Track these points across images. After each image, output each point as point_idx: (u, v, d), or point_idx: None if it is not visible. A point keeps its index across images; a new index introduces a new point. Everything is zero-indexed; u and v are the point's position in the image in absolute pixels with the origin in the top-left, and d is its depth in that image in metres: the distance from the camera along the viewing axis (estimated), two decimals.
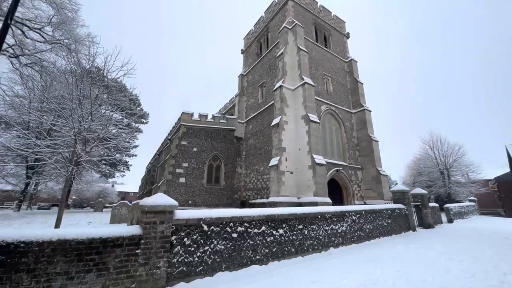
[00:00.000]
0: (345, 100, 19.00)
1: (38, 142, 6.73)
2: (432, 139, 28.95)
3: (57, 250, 3.18)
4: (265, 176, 16.11)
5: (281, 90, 15.06)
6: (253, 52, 22.63)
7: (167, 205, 4.04)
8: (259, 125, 18.47)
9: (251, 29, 23.86)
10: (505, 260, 5.68)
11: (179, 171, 17.33)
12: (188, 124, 18.71)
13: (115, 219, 12.63)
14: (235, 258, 4.81)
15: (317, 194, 12.25)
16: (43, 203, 36.06)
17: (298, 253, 5.90)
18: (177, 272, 4.05)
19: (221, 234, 4.74)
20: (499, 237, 9.21)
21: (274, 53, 18.31)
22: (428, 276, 4.52)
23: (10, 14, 3.19)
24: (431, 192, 27.53)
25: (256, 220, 5.34)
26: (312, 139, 13.44)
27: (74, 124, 6.59)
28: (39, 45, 13.69)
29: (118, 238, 3.60)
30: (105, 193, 40.67)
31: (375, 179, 16.48)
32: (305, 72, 15.56)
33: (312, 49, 17.95)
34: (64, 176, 8.79)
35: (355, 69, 20.22)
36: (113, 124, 9.61)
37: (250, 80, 21.85)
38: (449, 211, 16.16)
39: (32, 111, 9.91)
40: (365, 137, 17.77)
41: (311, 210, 6.71)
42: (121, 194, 59.05)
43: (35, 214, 18.68)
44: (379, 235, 8.72)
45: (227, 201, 18.35)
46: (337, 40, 21.15)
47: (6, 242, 2.95)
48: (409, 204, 11.28)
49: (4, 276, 2.87)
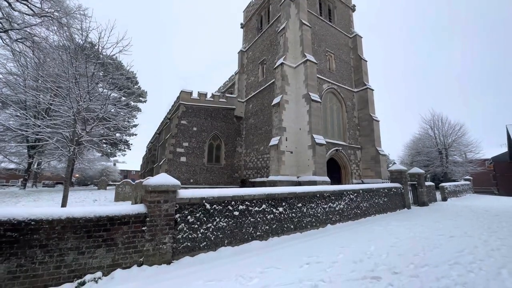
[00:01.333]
0: (348, 78, 18.53)
1: (38, 122, 6.69)
2: (433, 119, 28.76)
3: (66, 227, 3.31)
4: (265, 156, 16.28)
5: (282, 68, 14.63)
6: (253, 27, 21.57)
7: (170, 184, 4.13)
8: (259, 104, 18.22)
9: (251, 1, 22.48)
10: (494, 236, 5.95)
11: (179, 150, 17.46)
12: (187, 103, 18.46)
13: (119, 197, 13.01)
14: (236, 234, 5.04)
15: (316, 174, 12.48)
16: (47, 181, 36.86)
17: (297, 229, 6.17)
18: (182, 247, 4.26)
19: (223, 212, 4.91)
20: (490, 214, 9.55)
21: (276, 28, 17.46)
22: (419, 251, 4.78)
23: None
24: (428, 171, 28.01)
25: (257, 199, 5.50)
26: (312, 119, 13.36)
27: (72, 104, 6.49)
28: (28, 18, 12.99)
29: (124, 216, 3.73)
30: (108, 172, 41.36)
31: (374, 159, 16.68)
32: (307, 48, 14.98)
33: (315, 23, 17.08)
34: (67, 155, 8.89)
35: (359, 45, 19.43)
36: (111, 104, 9.47)
37: (250, 56, 21.10)
38: (444, 190, 16.59)
39: (28, 90, 9.70)
40: (366, 117, 17.65)
41: (310, 189, 6.89)
42: (123, 173, 60.18)
43: (40, 192, 19.19)
44: (374, 213, 9.05)
45: (227, 180, 18.76)
46: (342, 13, 20.04)
47: (17, 220, 3.07)
48: (405, 183, 11.55)
49: (19, 252, 3.03)
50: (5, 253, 2.96)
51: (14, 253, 3.01)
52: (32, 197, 13.26)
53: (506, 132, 30.04)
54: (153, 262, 3.88)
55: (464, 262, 4.16)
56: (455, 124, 27.43)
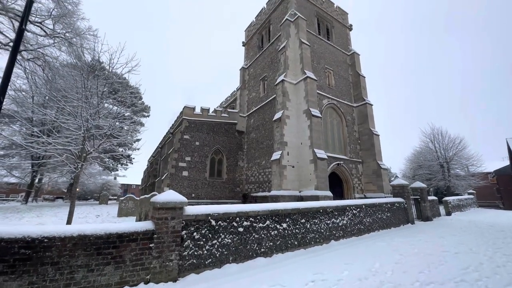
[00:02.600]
0: (347, 93, 18.99)
1: (50, 140, 6.91)
2: (433, 132, 29.04)
3: (78, 244, 3.40)
4: (267, 170, 16.34)
5: (283, 85, 15.07)
6: (255, 45, 22.42)
7: (177, 201, 4.24)
8: (260, 119, 18.56)
9: (253, 21, 23.53)
10: (500, 253, 5.92)
11: (182, 165, 17.56)
12: (190, 118, 18.80)
13: (122, 212, 12.96)
14: (241, 251, 5.06)
15: (319, 188, 12.50)
16: (48, 195, 36.64)
17: (301, 245, 6.17)
18: (188, 264, 4.30)
19: (228, 228, 4.97)
20: (495, 230, 9.47)
21: (276, 46, 18.17)
22: (424, 268, 4.77)
23: (25, 20, 3.28)
24: (431, 185, 27.84)
25: (261, 215, 5.56)
26: (313, 134, 13.58)
27: (83, 122, 6.75)
28: (41, 39, 13.65)
29: (133, 233, 3.82)
30: (108, 186, 41.23)
31: (376, 173, 16.70)
32: (307, 66, 15.51)
33: (314, 42, 17.80)
34: (71, 170, 9.04)
35: (357, 62, 20.08)
36: (119, 121, 9.75)
37: (252, 73, 21.75)
38: (447, 204, 16.46)
39: (39, 108, 10.05)
40: (366, 131, 17.88)
41: (313, 204, 6.94)
42: (124, 187, 59.84)
43: (42, 207, 19.10)
44: (378, 228, 9.00)
45: (229, 194, 18.69)
46: (340, 32, 20.91)
47: (31, 238, 3.17)
48: (408, 197, 11.53)
49: (31, 269, 3.10)
50: (18, 270, 3.03)
51: (27, 270, 3.08)
52: (35, 213, 13.21)
53: (507, 146, 30.16)
54: (160, 280, 3.91)
55: (470, 279, 4.16)
56: (455, 137, 27.66)
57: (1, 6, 12.05)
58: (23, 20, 3.26)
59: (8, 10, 12.37)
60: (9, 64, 3.17)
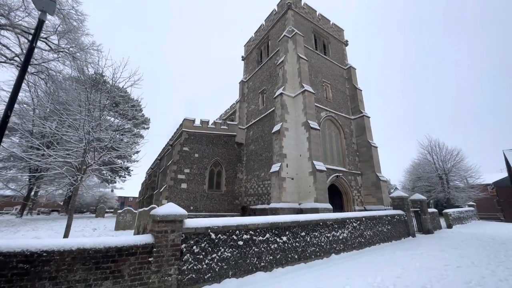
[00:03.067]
0: (344, 106, 19.33)
1: (51, 152, 6.95)
2: (430, 144, 29.28)
3: (76, 258, 3.37)
4: (266, 182, 16.29)
5: (282, 97, 15.37)
6: (254, 59, 23.04)
7: (177, 214, 4.24)
8: (259, 131, 18.73)
9: (252, 37, 24.32)
10: (502, 266, 5.86)
11: (180, 177, 17.49)
12: (189, 130, 18.95)
13: (119, 225, 12.71)
14: (241, 265, 4.99)
15: (318, 200, 12.43)
16: (43, 208, 35.97)
17: (301, 259, 6.08)
18: (186, 279, 4.23)
19: (228, 242, 4.92)
20: (497, 243, 9.38)
21: (275, 61, 18.69)
22: (426, 282, 4.71)
23: (36, 38, 3.44)
24: (430, 197, 27.71)
25: (260, 228, 5.53)
26: (312, 146, 13.69)
27: (85, 135, 6.83)
28: (45, 54, 13.99)
29: (132, 247, 3.79)
30: (105, 198, 40.64)
31: (375, 185, 16.68)
32: (305, 79, 15.90)
33: (311, 56, 18.34)
34: (69, 182, 9.01)
35: (353, 76, 20.60)
36: (120, 134, 9.84)
37: (251, 86, 22.19)
38: (448, 217, 16.34)
39: (41, 120, 10.15)
40: (364, 143, 18.04)
41: (313, 217, 6.90)
42: (121, 199, 58.91)
43: (37, 220, 18.73)
44: (379, 241, 8.90)
45: (228, 207, 18.49)
46: (336, 47, 21.60)
47: (30, 252, 3.14)
48: (408, 210, 11.47)
49: (29, 284, 3.05)
50: (15, 285, 2.99)
51: (24, 286, 3.03)
52: (30, 226, 12.93)
53: (504, 158, 30.36)
54: None
55: None
56: (452, 149, 27.88)
57: (9, 22, 12.45)
58: (34, 38, 3.42)
59: (15, 26, 12.77)
60: (18, 80, 3.29)
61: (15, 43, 13.62)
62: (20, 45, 13.72)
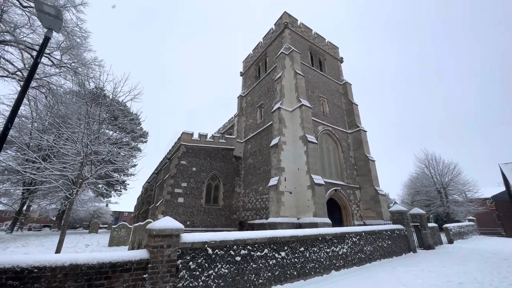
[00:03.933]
0: (341, 120, 19.63)
1: (48, 166, 6.89)
2: (427, 158, 29.46)
3: (68, 275, 3.25)
4: (264, 196, 16.12)
5: (279, 112, 15.61)
6: (252, 75, 23.62)
7: (174, 228, 4.17)
8: (257, 144, 18.80)
9: (250, 53, 25.10)
10: (505, 283, 5.74)
11: (177, 191, 17.25)
12: (188, 144, 18.97)
13: (113, 241, 12.30)
14: (238, 282, 4.83)
15: (317, 215, 12.27)
16: (34, 223, 34.87)
17: (300, 276, 5.91)
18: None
19: (225, 257, 4.80)
20: (499, 258, 9.23)
21: (272, 76, 19.17)
22: None
23: (41, 54, 3.56)
24: (430, 211, 27.45)
25: (258, 243, 5.42)
26: (310, 159, 13.72)
27: (83, 148, 6.82)
28: (47, 68, 14.25)
29: (127, 263, 3.67)
30: (99, 213, 39.64)
31: (374, 199, 16.56)
32: (302, 94, 16.24)
33: (308, 72, 18.87)
34: (64, 196, 8.86)
35: (349, 91, 21.12)
36: (118, 147, 9.84)
37: (249, 101, 22.57)
38: (448, 231, 16.11)
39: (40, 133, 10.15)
40: (362, 157, 18.13)
41: (312, 232, 6.79)
42: (115, 214, 57.44)
43: (27, 236, 18.10)
44: (380, 257, 8.70)
45: (225, 222, 18.11)
46: (332, 64, 22.31)
47: (20, 268, 3.04)
48: (408, 224, 11.33)
49: None
50: None
51: None
52: (20, 242, 12.46)
53: (501, 172, 30.48)
54: None
55: None
56: (449, 163, 28.03)
57: (14, 38, 12.79)
58: (39, 54, 3.53)
59: (20, 42, 13.10)
60: (20, 94, 3.35)
61: (18, 58, 13.90)
62: (23, 60, 14.01)
